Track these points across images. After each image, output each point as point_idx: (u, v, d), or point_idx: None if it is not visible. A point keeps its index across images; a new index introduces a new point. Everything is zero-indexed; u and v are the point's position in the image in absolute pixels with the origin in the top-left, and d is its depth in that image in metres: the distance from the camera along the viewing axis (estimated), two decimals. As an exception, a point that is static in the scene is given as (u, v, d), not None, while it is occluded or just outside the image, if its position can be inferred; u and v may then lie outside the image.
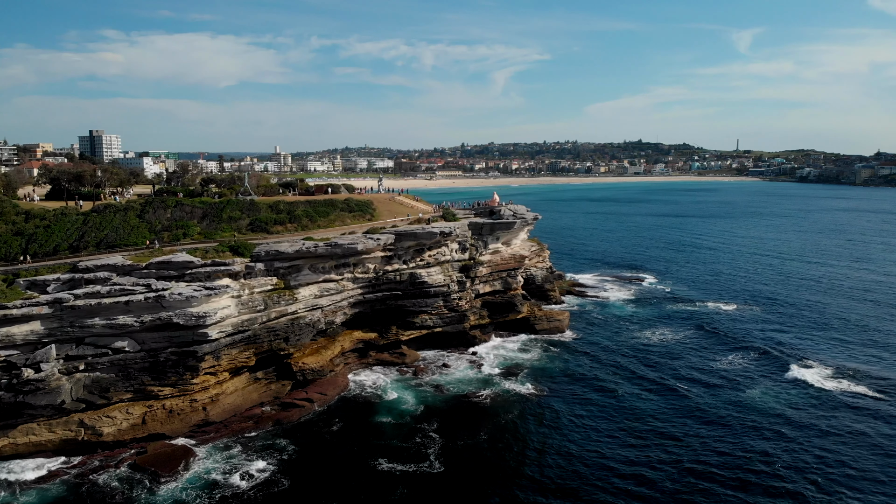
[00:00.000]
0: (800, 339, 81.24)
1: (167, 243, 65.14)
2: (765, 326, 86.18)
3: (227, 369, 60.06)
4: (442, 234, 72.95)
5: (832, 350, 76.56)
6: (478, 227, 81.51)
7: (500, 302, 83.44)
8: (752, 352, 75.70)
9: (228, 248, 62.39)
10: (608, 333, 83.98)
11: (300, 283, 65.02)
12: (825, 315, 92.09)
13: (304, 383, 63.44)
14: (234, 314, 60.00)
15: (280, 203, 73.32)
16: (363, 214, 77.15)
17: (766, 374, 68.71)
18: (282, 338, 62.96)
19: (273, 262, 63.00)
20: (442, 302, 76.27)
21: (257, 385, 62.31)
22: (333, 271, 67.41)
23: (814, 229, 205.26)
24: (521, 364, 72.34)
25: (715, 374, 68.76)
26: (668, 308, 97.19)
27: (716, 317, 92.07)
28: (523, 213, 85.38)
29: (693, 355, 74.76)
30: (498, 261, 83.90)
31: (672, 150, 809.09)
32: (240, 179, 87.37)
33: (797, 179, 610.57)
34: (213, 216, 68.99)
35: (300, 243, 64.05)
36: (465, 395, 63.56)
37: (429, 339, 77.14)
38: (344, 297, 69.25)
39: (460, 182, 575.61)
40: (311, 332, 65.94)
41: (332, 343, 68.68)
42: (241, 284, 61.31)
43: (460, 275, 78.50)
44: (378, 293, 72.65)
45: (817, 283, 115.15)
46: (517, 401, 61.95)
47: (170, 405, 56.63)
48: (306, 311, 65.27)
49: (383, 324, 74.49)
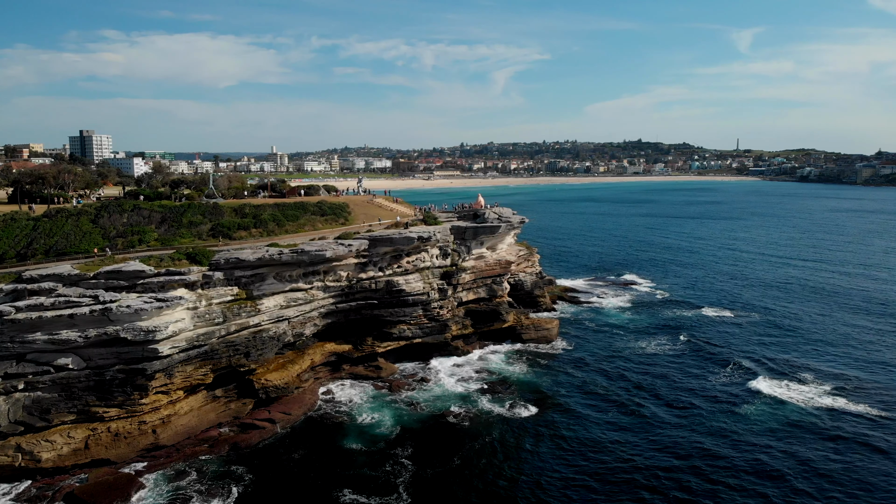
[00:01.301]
0: (798, 352, 76.33)
1: (120, 251, 60.43)
2: (763, 338, 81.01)
3: (182, 387, 55.25)
4: (420, 239, 68.17)
5: (830, 363, 71.56)
6: (461, 231, 76.71)
7: (485, 310, 78.61)
8: (747, 367, 70.61)
9: (185, 255, 57.64)
10: (599, 344, 79.14)
11: (264, 292, 60.24)
12: (825, 326, 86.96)
13: (268, 401, 58.67)
14: (188, 328, 55.24)
15: (246, 206, 68.58)
16: (336, 218, 72.36)
17: (763, 391, 63.78)
18: (242, 353, 58.15)
19: (233, 270, 58.26)
20: (421, 311, 71.51)
21: (215, 404, 57.52)
22: (301, 280, 62.65)
23: (816, 231, 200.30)
24: (505, 378, 67.56)
25: (711, 392, 63.65)
26: (663, 315, 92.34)
27: (712, 326, 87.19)
28: (509, 217, 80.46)
29: (687, 370, 69.71)
30: (482, 267, 79.10)
31: (672, 149, 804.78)
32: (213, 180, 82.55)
33: (798, 179, 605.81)
34: (172, 221, 64.25)
35: (263, 250, 59.30)
36: (442, 413, 58.72)
37: (408, 351, 72.42)
38: (314, 307, 64.49)
39: (458, 182, 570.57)
40: (276, 345, 61.15)
41: (301, 357, 63.91)
42: (198, 295, 56.56)
43: (441, 282, 73.71)
44: (352, 302, 67.91)
45: (818, 290, 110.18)
46: (496, 422, 57.08)
47: (116, 428, 51.83)
48: (270, 324, 60.50)
49: (358, 335, 69.77)
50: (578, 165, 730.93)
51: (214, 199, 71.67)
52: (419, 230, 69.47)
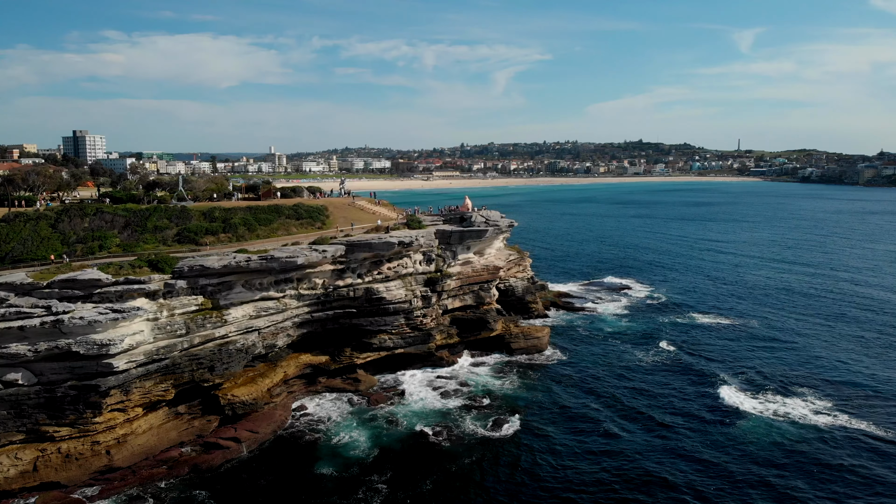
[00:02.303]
0: (796, 365, 72.44)
1: (79, 257, 56.83)
2: (761, 352, 76.67)
3: (140, 404, 51.55)
4: (401, 244, 64.45)
5: (829, 377, 67.64)
6: (446, 235, 72.95)
7: (472, 318, 74.83)
8: (742, 383, 66.63)
9: (147, 262, 53.95)
10: (591, 355, 75.27)
11: (232, 302, 56.54)
12: (826, 337, 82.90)
13: (235, 418, 54.97)
14: (148, 340, 51.54)
15: (216, 210, 64.82)
16: (313, 222, 68.61)
17: (761, 407, 59.93)
18: (206, 367, 54.41)
19: (198, 278, 54.56)
20: (403, 320, 67.81)
21: (177, 421, 53.82)
22: (273, 288, 58.93)
23: (820, 233, 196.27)
24: (491, 391, 63.77)
25: (701, 412, 59.35)
26: (658, 323, 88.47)
27: (708, 336, 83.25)
28: (497, 220, 76.61)
29: (679, 387, 65.29)
30: (469, 273, 75.35)
31: (673, 150, 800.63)
32: (186, 183, 78.84)
33: (799, 180, 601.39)
34: (136, 225, 60.57)
35: (230, 256, 55.61)
36: (421, 432, 54.91)
37: (389, 361, 68.76)
38: (287, 317, 60.77)
39: (457, 183, 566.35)
40: (245, 358, 57.41)
41: (273, 369, 60.20)
42: (159, 305, 52.87)
43: (425, 289, 69.98)
44: (329, 311, 64.20)
45: (821, 297, 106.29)
46: (478, 443, 53.24)
47: (67, 448, 48.16)
48: (238, 335, 56.77)
49: (336, 345, 66.10)
50: (578, 166, 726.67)
51: (182, 203, 67.93)
52: (400, 234, 65.79)
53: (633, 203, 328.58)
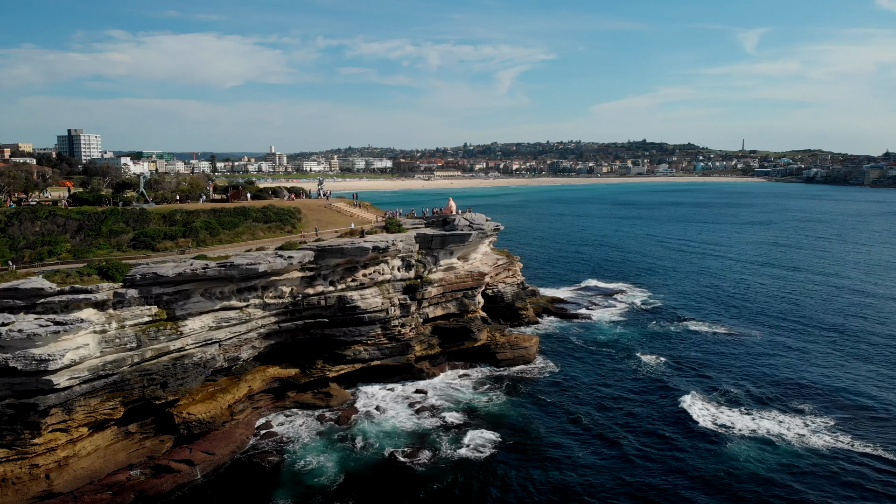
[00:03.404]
0: (798, 377, 68.19)
1: (26, 264, 52.89)
2: (762, 365, 72.56)
3: (85, 424, 47.52)
4: (376, 249, 60.33)
5: (829, 391, 63.30)
6: (427, 239, 68.77)
7: (455, 328, 70.66)
8: (740, 394, 62.40)
9: (97, 270, 50.00)
10: (582, 366, 71.07)
11: (189, 312, 52.50)
12: (834, 348, 78.57)
13: (191, 438, 50.95)
14: (94, 354, 47.55)
15: (177, 213, 60.82)
16: (283, 226, 64.57)
17: (754, 426, 55.74)
18: (158, 383, 50.36)
19: (151, 287, 50.51)
20: (380, 330, 63.73)
21: (127, 442, 49.82)
22: (235, 297, 54.89)
23: (829, 236, 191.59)
24: (472, 408, 59.55)
25: (697, 429, 55.41)
26: (654, 332, 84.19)
27: (707, 347, 78.86)
28: (481, 224, 72.37)
29: (674, 401, 60.83)
30: (452, 279, 71.20)
31: (676, 150, 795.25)
32: (156, 183, 74.85)
33: (804, 180, 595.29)
34: (90, 229, 56.62)
35: (187, 263, 51.58)
36: (394, 454, 50.73)
37: (365, 374, 64.75)
38: (251, 327, 56.73)
39: (458, 183, 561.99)
40: (203, 373, 53.36)
41: (237, 384, 56.18)
42: (108, 316, 48.87)
43: (404, 297, 65.87)
44: (298, 321, 60.15)
45: (825, 305, 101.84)
46: (453, 466, 48.99)
47: (3, 472, 44.17)
48: (196, 348, 52.73)
49: (308, 357, 62.07)
50: (581, 166, 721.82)
51: (142, 205, 63.94)
52: (375, 239, 61.67)
53: (633, 204, 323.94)
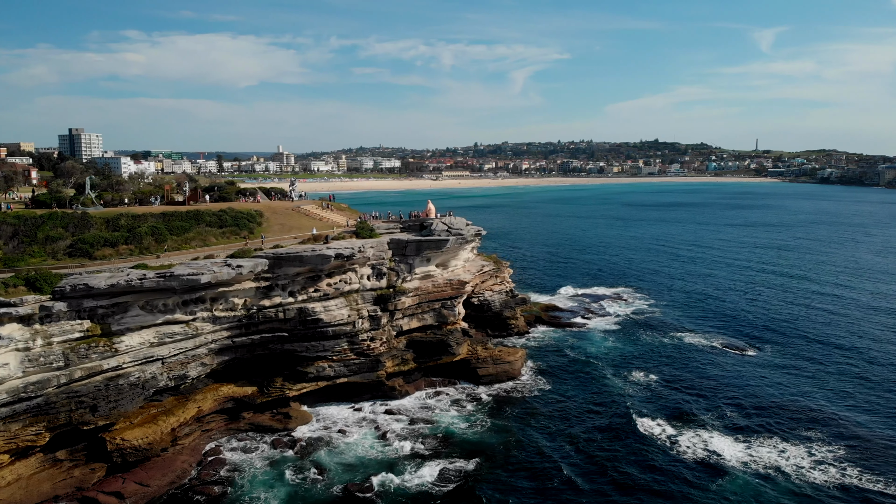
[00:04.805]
0: (802, 400, 62.39)
1: (-50, 273, 48.15)
2: (761, 382, 66.73)
3: (6, 450, 42.76)
4: (340, 256, 55.15)
5: (836, 417, 57.62)
6: (401, 245, 63.54)
7: (431, 341, 65.36)
8: (736, 419, 56.92)
9: (24, 280, 45.22)
10: (572, 383, 65.52)
11: (127, 327, 47.63)
12: (833, 368, 71.89)
13: (126, 466, 46.07)
14: (15, 374, 42.79)
15: (122, 217, 56.02)
16: (239, 231, 59.61)
17: (750, 456, 50.13)
18: (88, 406, 45.49)
19: (83, 299, 45.69)
20: (347, 344, 58.62)
21: (54, 471, 44.99)
22: (180, 310, 49.91)
23: (841, 239, 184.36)
24: (447, 433, 54.12)
25: (687, 459, 50.06)
26: (651, 344, 78.50)
27: (707, 362, 73.18)
28: (460, 228, 67.03)
29: (663, 426, 55.22)
30: (429, 288, 65.91)
31: (689, 149, 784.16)
32: (118, 184, 70.09)
33: (818, 180, 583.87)
34: (25, 235, 51.93)
35: (123, 273, 46.71)
36: (350, 489, 45.42)
37: (332, 391, 59.69)
38: (200, 343, 51.76)
39: (466, 183, 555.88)
40: (141, 394, 48.44)
41: (184, 405, 51.23)
42: (33, 332, 44.06)
43: (374, 308, 60.70)
44: (254, 336, 55.13)
45: (837, 319, 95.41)
46: (414, 500, 43.94)
47: None
48: (134, 366, 47.82)
49: (268, 374, 57.09)
50: (592, 166, 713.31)
51: (83, 209, 59.12)
52: (341, 245, 56.51)
53: (641, 205, 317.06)
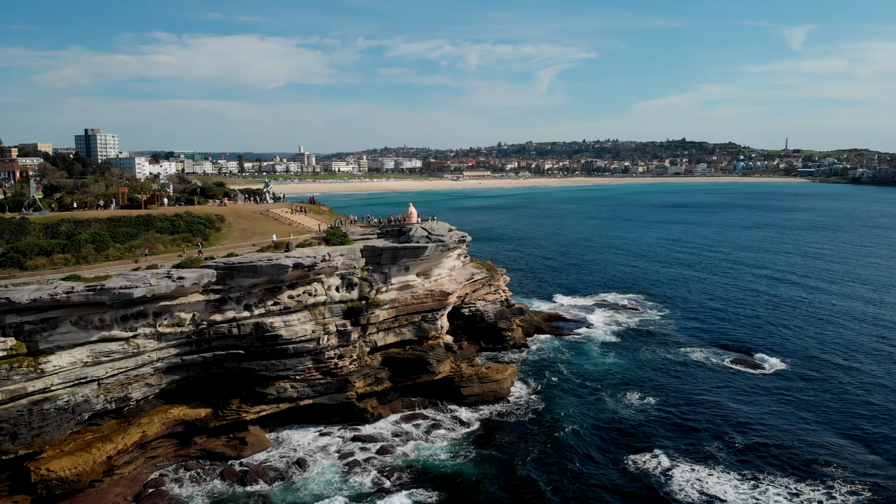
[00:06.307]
0: (821, 429, 55.81)
1: None
2: (775, 407, 60.10)
3: (-88, 485, 38.62)
4: (299, 266, 50.05)
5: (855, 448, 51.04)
6: (375, 253, 58.25)
7: (409, 358, 59.96)
8: (751, 448, 50.76)
9: (-58, 293, 40.95)
10: (565, 405, 59.48)
11: (57, 345, 43.11)
12: (857, 391, 64.77)
13: (53, 499, 41.57)
14: (-79, 400, 38.55)
15: (63, 223, 51.68)
16: (193, 237, 54.89)
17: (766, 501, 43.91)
18: (7, 433, 41.10)
19: (6, 315, 41.29)
20: (311, 362, 53.56)
21: (-32, 507, 40.70)
22: (117, 325, 45.26)
23: (875, 243, 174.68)
24: (421, 465, 48.49)
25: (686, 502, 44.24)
26: (656, 360, 72.09)
27: (720, 381, 66.88)
28: (441, 234, 61.45)
29: (658, 459, 49.44)
30: (408, 299, 60.53)
31: (717, 149, 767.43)
32: (83, 185, 65.96)
33: (849, 181, 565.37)
34: (-45, 242, 47.81)
35: (51, 286, 42.17)
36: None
37: (298, 413, 54.68)
38: (143, 361, 47.07)
39: (487, 183, 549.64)
40: (71, 418, 43.88)
41: (125, 430, 46.58)
42: (-54, 352, 39.80)
43: (343, 322, 55.55)
44: (206, 353, 50.29)
45: (863, 336, 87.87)
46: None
47: None
48: (64, 388, 43.27)
49: (224, 395, 52.27)
50: (616, 165, 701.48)
51: (28, 213, 54.95)
52: (302, 254, 51.44)
53: (663, 206, 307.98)
